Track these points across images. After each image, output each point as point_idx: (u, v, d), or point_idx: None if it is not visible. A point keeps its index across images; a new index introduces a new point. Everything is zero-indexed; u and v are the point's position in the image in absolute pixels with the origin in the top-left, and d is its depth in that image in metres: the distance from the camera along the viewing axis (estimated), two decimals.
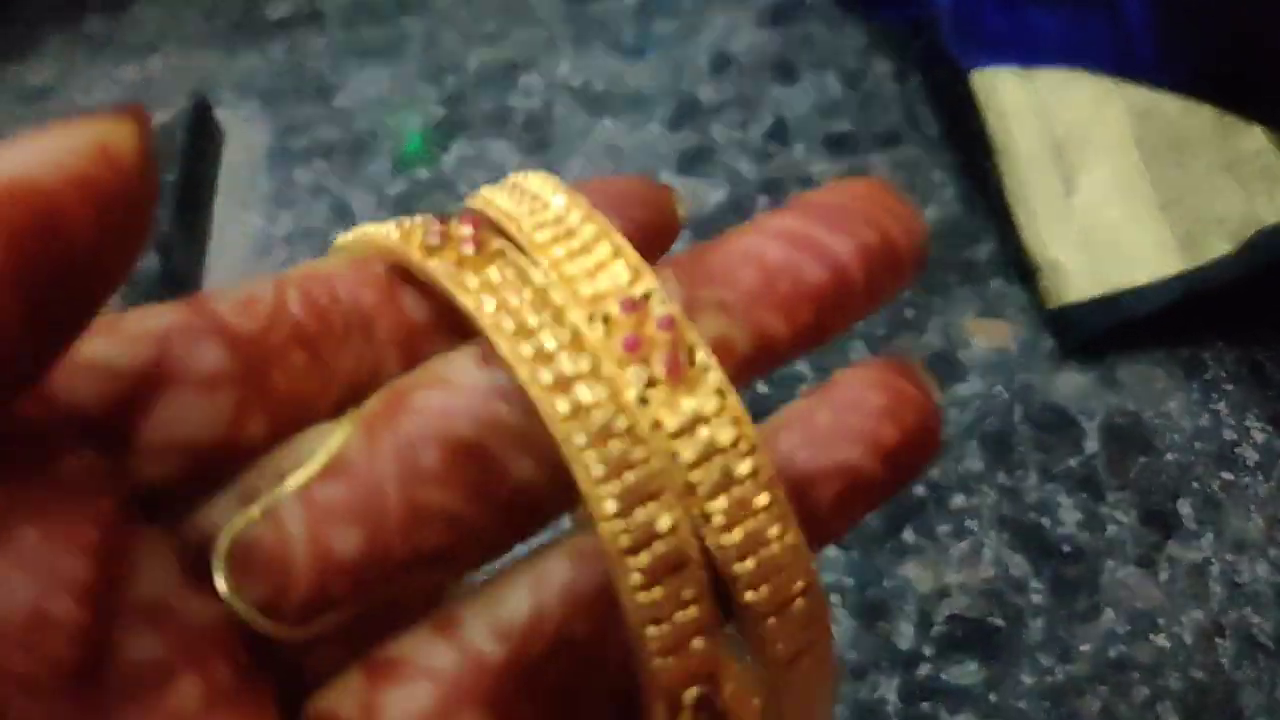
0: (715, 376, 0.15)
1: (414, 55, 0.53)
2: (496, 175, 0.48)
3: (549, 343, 0.15)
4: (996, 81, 0.43)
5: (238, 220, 0.47)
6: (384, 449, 0.15)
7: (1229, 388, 0.39)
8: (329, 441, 0.15)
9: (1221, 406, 0.39)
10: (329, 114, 0.51)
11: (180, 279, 0.44)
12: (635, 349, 0.15)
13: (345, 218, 0.46)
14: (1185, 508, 0.37)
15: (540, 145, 0.49)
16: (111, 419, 0.14)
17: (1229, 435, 0.38)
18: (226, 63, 0.53)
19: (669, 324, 0.15)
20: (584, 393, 0.15)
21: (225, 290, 0.15)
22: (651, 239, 0.18)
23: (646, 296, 0.15)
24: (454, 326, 0.16)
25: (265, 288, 0.16)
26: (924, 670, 0.34)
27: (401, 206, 0.47)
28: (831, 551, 0.37)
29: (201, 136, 0.49)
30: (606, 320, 0.15)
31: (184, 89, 0.51)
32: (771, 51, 0.51)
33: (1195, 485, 0.37)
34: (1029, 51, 0.43)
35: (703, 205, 0.46)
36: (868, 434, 0.16)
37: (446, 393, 0.15)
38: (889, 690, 0.34)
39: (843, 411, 0.16)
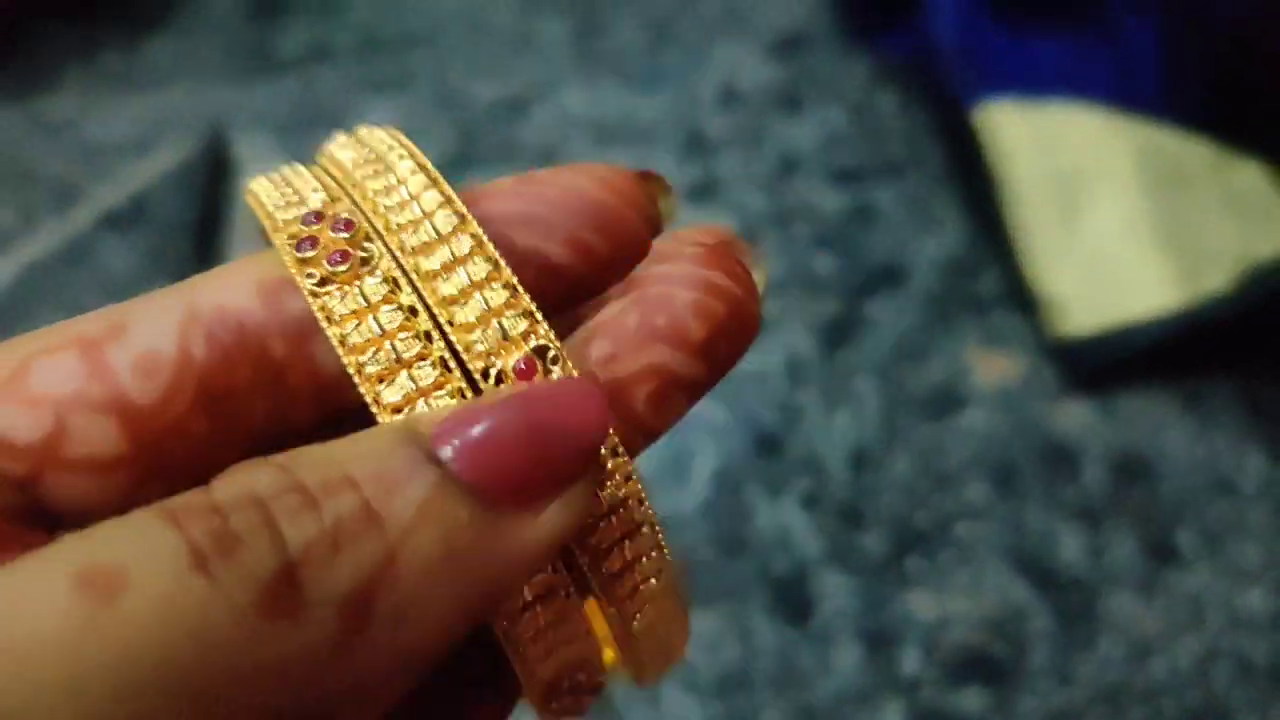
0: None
1: (425, 89, 0.54)
2: None
3: (411, 384, 0.15)
4: (1000, 117, 0.44)
5: (254, 251, 0.48)
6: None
7: (1227, 420, 0.40)
8: None
9: (1219, 438, 0.40)
10: None
11: None
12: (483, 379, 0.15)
13: None
14: (1184, 537, 0.38)
15: None
16: (16, 482, 0.15)
17: (1226, 466, 0.39)
18: (241, 97, 0.54)
19: (529, 367, 0.15)
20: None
21: (132, 331, 0.15)
22: (593, 257, 0.17)
23: (543, 351, 0.15)
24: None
25: (170, 334, 0.15)
26: (927, 696, 0.35)
27: None
28: (837, 578, 0.38)
29: (218, 169, 0.50)
30: (500, 379, 0.15)
31: (200, 123, 0.52)
32: (777, 85, 0.52)
33: (1193, 515, 0.38)
34: (1032, 81, 0.44)
35: None
36: (675, 332, 0.16)
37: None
38: (894, 715, 0.35)
39: (650, 312, 0.16)
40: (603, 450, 0.15)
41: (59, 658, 0.11)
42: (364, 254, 0.15)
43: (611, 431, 0.15)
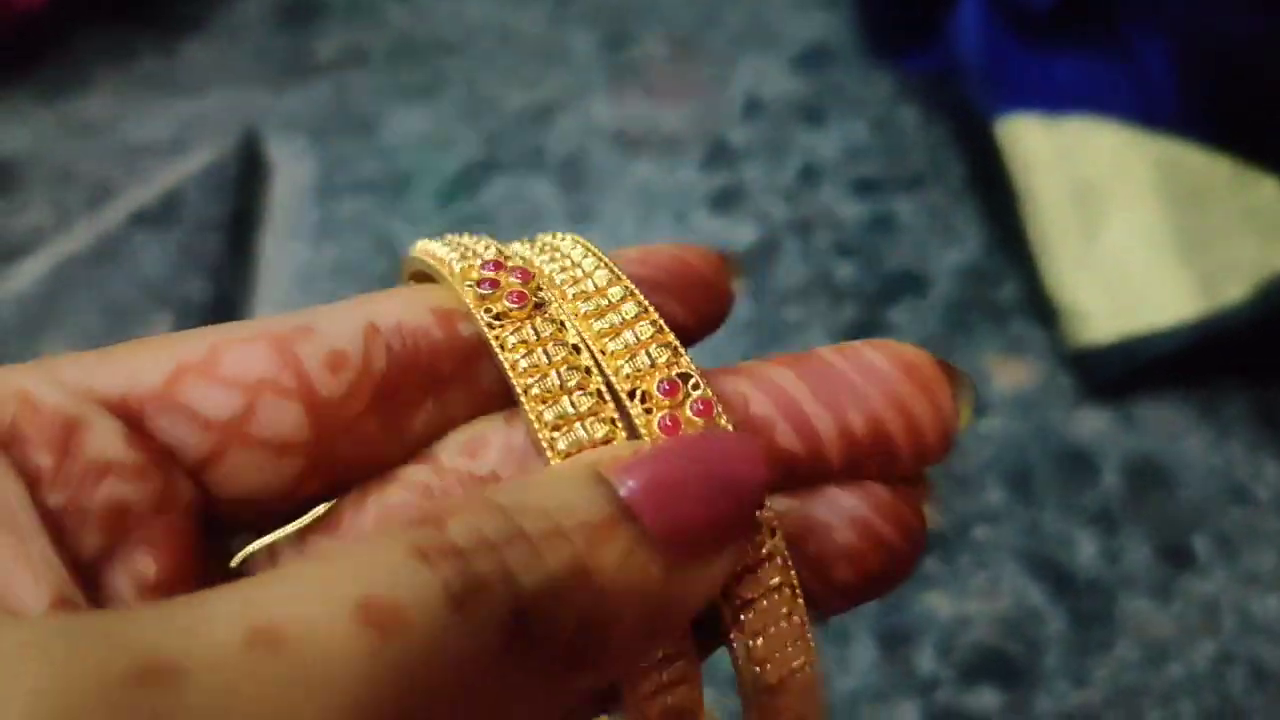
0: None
1: (455, 96, 0.55)
2: (533, 211, 0.50)
3: (570, 408, 0.16)
4: (1021, 129, 0.44)
5: (285, 250, 0.49)
6: (369, 511, 0.17)
7: (1243, 429, 0.41)
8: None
9: (1235, 446, 0.40)
10: (373, 150, 0.53)
11: (230, 304, 0.46)
12: (673, 430, 0.16)
13: (387, 249, 0.48)
14: (1199, 543, 0.38)
15: (575, 184, 0.50)
16: (196, 463, 0.16)
17: (1242, 474, 0.40)
18: (275, 101, 0.55)
19: (706, 409, 0.16)
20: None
21: (320, 332, 0.16)
22: (700, 317, 0.18)
23: (685, 377, 0.16)
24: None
25: (356, 338, 0.17)
26: (944, 696, 0.36)
27: None
28: None
29: (251, 170, 0.51)
30: (646, 398, 0.16)
31: (234, 125, 0.53)
32: (801, 97, 0.53)
33: (1209, 522, 0.39)
34: (1053, 99, 0.45)
35: (734, 245, 0.47)
36: (820, 566, 0.16)
37: (429, 466, 0.17)
38: (910, 715, 0.35)
39: (805, 535, 0.16)
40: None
41: (349, 687, 0.11)
42: (537, 299, 0.17)
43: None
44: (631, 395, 0.16)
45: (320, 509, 0.17)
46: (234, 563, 0.17)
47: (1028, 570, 0.38)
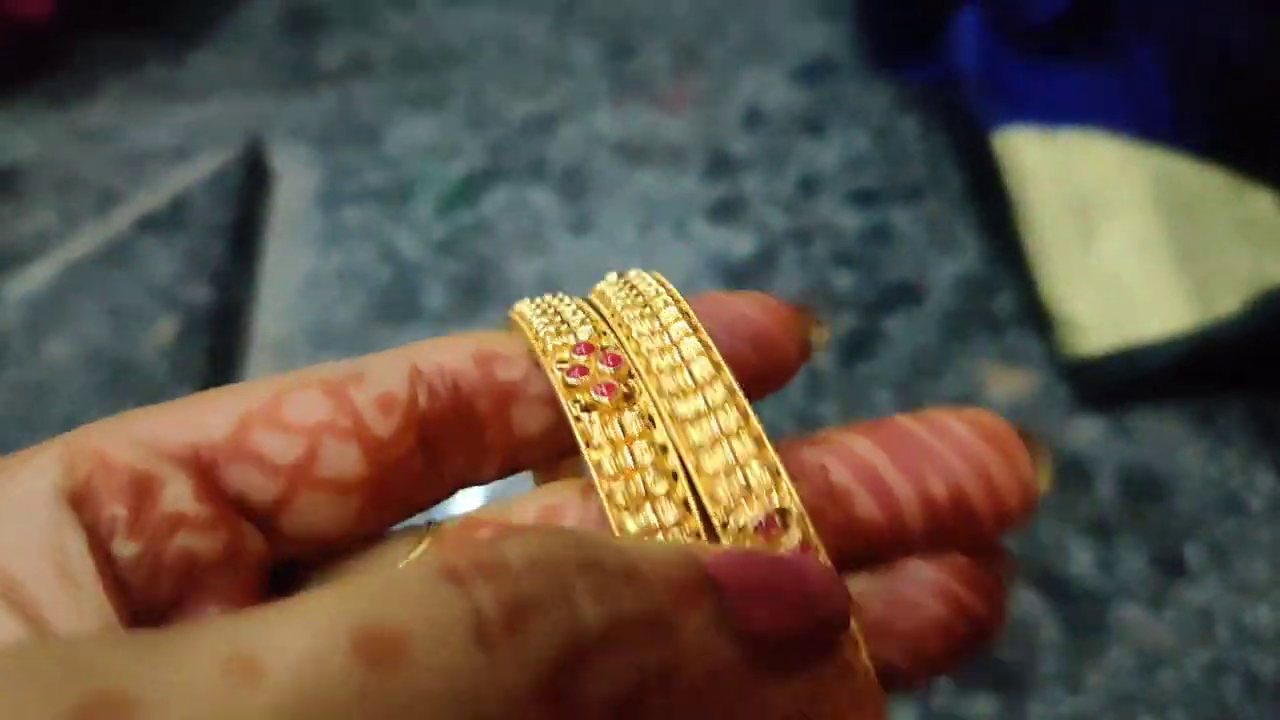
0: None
1: (458, 106, 0.55)
2: (535, 221, 0.50)
3: (654, 518, 0.15)
4: (1019, 141, 0.45)
5: (289, 257, 0.49)
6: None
7: (1237, 439, 0.41)
8: (417, 545, 0.17)
9: (1229, 457, 0.41)
10: (377, 159, 0.53)
11: (234, 310, 0.46)
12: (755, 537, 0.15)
13: (391, 257, 0.49)
14: (1193, 552, 0.38)
15: (577, 193, 0.51)
16: (265, 508, 0.17)
17: (1236, 484, 0.40)
18: (280, 108, 0.55)
19: (804, 548, 0.15)
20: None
21: (370, 377, 0.17)
22: (766, 373, 0.18)
23: (784, 513, 0.15)
24: (555, 445, 0.18)
25: (403, 381, 0.17)
26: (940, 701, 0.36)
27: (444, 248, 0.49)
28: (851, 585, 0.38)
29: (256, 178, 0.52)
30: (741, 530, 0.15)
31: (240, 133, 0.54)
32: (802, 109, 0.53)
33: (1203, 531, 0.39)
34: (1050, 111, 0.45)
35: (733, 253, 0.48)
36: (913, 642, 0.16)
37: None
38: (907, 719, 0.36)
39: (894, 614, 0.16)
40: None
41: (336, 718, 0.10)
42: (626, 390, 0.17)
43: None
44: (725, 526, 0.15)
45: (396, 565, 0.17)
46: None
47: (1024, 578, 0.38)
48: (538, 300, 0.19)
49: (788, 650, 0.13)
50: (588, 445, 0.16)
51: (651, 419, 0.16)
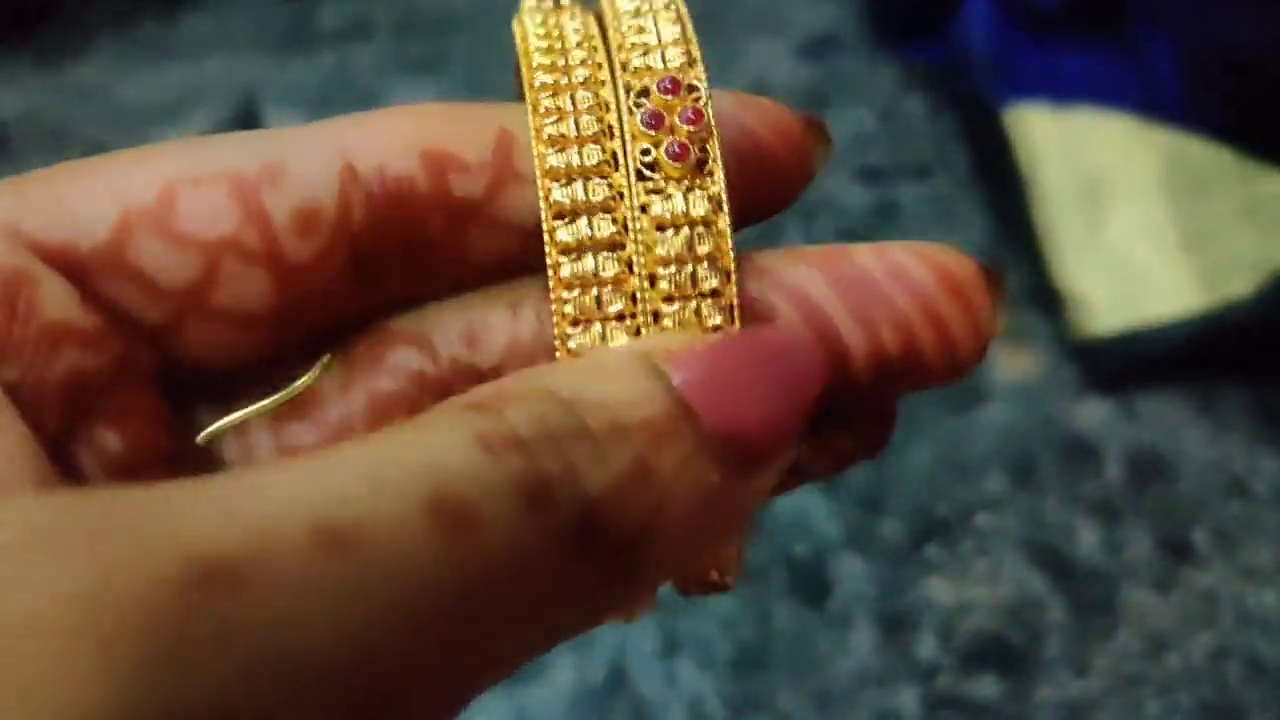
0: (717, 188, 0.15)
1: (459, 71, 0.54)
2: None
3: (573, 130, 0.15)
4: (1028, 120, 0.44)
5: None
6: (356, 401, 0.15)
7: (1242, 423, 0.41)
8: (308, 374, 0.15)
9: (1235, 441, 0.40)
10: None
11: None
12: (655, 127, 0.15)
13: None
14: (1199, 535, 0.38)
15: None
16: (149, 330, 0.14)
17: (1241, 468, 0.40)
18: (276, 71, 0.54)
19: (696, 118, 0.15)
20: (576, 156, 0.15)
21: (290, 175, 0.14)
22: (764, 198, 0.17)
23: (691, 88, 0.15)
24: (511, 270, 0.16)
25: (330, 186, 0.14)
26: (944, 681, 0.36)
27: None
28: (855, 563, 0.38)
29: None
30: (644, 94, 0.15)
31: (233, 94, 0.53)
32: (807, 85, 0.53)
33: (1208, 514, 0.39)
34: (1060, 89, 0.45)
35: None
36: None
37: (422, 353, 0.15)
38: (909, 700, 0.35)
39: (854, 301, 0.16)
40: None
41: (420, 591, 0.11)
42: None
43: None
44: (628, 91, 0.15)
45: (296, 386, 0.15)
46: (200, 439, 0.15)
47: (1029, 559, 0.38)
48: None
49: (759, 445, 0.14)
50: (526, 60, 0.15)
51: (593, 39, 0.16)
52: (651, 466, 0.13)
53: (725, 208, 0.15)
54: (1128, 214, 0.43)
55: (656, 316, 0.15)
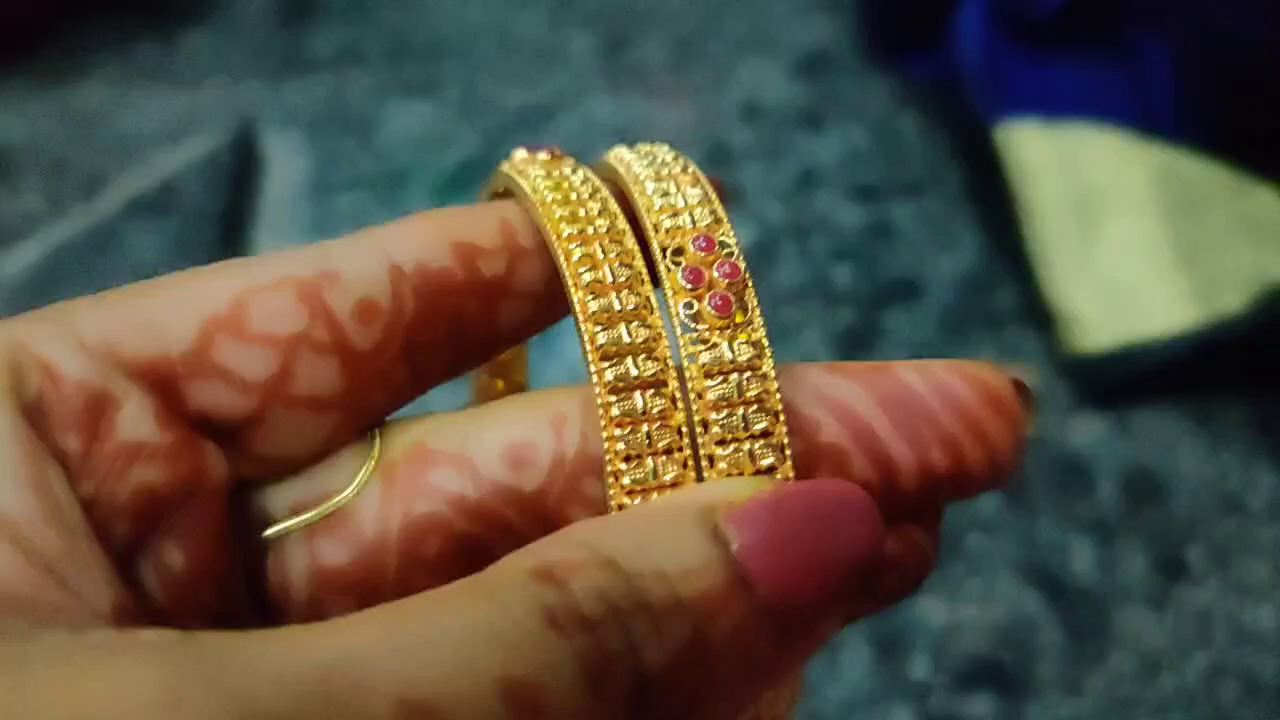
0: (759, 334, 0.15)
1: (453, 95, 0.55)
2: None
3: (608, 276, 0.16)
4: (1021, 137, 0.44)
5: (279, 245, 0.48)
6: (392, 521, 0.16)
7: (1238, 439, 0.41)
8: (349, 487, 0.16)
9: (1230, 457, 0.40)
10: (369, 147, 0.52)
11: None
12: (695, 283, 0.15)
13: None
14: (1193, 553, 0.38)
15: None
16: (233, 426, 0.15)
17: (1236, 484, 0.40)
18: (273, 95, 0.55)
19: (733, 273, 0.16)
20: (616, 300, 0.16)
21: (346, 277, 0.15)
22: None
23: (723, 244, 0.16)
24: (528, 335, 0.17)
25: (383, 284, 0.16)
26: (937, 702, 0.35)
27: None
28: None
29: (246, 164, 0.51)
30: (680, 253, 0.16)
31: (230, 118, 0.53)
32: (801, 103, 0.53)
33: (1203, 532, 0.39)
34: (1053, 105, 0.45)
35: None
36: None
37: (463, 475, 0.16)
38: (903, 719, 0.35)
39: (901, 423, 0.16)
40: None
41: None
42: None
43: None
44: (664, 251, 0.16)
45: (340, 499, 0.16)
46: (269, 532, 0.16)
47: (1022, 579, 0.38)
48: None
49: (814, 612, 0.14)
50: (548, 216, 0.16)
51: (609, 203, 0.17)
52: (707, 638, 0.13)
53: (768, 352, 0.16)
54: (1121, 230, 0.42)
55: (712, 461, 0.15)
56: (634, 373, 0.15)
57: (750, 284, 0.16)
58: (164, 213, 0.48)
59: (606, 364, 0.15)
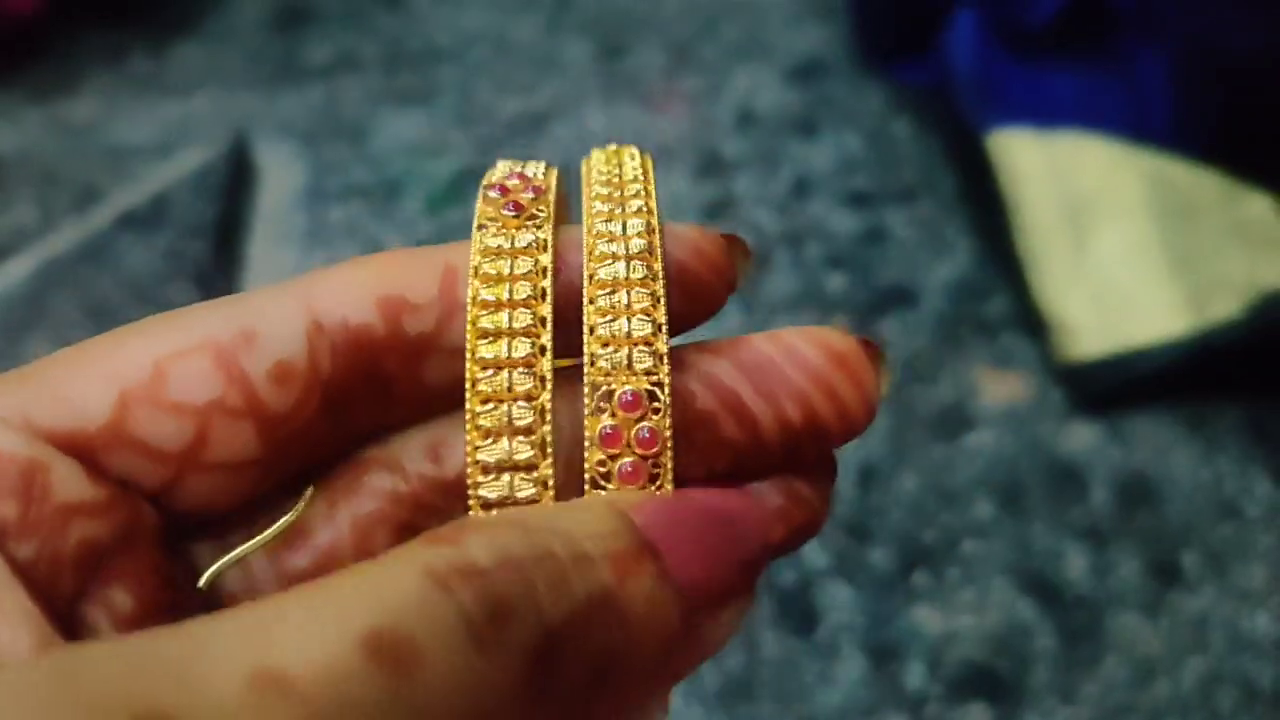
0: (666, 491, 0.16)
1: (448, 103, 0.54)
2: None
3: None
4: (1013, 144, 0.44)
5: (272, 256, 0.48)
6: (343, 524, 0.17)
7: (1233, 445, 0.40)
8: (294, 509, 0.17)
9: (1225, 463, 0.40)
10: (364, 156, 0.52)
11: None
12: (611, 444, 0.16)
13: None
14: (1188, 559, 0.38)
15: (567, 193, 0.50)
16: (151, 491, 0.16)
17: (1231, 489, 0.39)
18: (267, 104, 0.55)
19: (650, 440, 0.16)
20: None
21: (262, 337, 0.16)
22: (693, 313, 0.18)
23: (650, 396, 0.16)
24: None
25: (299, 343, 0.16)
26: (932, 710, 0.35)
27: None
28: (843, 591, 0.38)
29: (240, 175, 0.51)
30: (606, 398, 0.16)
31: (224, 128, 0.53)
32: (794, 110, 0.53)
33: (1199, 538, 0.38)
34: (1045, 113, 0.45)
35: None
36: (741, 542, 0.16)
37: (393, 474, 0.17)
38: None
39: (728, 522, 0.16)
40: None
41: None
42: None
43: None
44: (592, 392, 0.16)
45: (285, 520, 0.17)
46: (203, 582, 0.17)
47: (1017, 586, 0.38)
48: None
49: (717, 590, 0.14)
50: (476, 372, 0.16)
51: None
52: (617, 597, 0.13)
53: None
54: (1113, 237, 0.42)
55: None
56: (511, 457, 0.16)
57: (669, 449, 0.16)
58: (156, 226, 0.48)
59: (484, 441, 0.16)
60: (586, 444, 0.16)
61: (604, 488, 0.16)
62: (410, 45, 0.58)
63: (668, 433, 0.16)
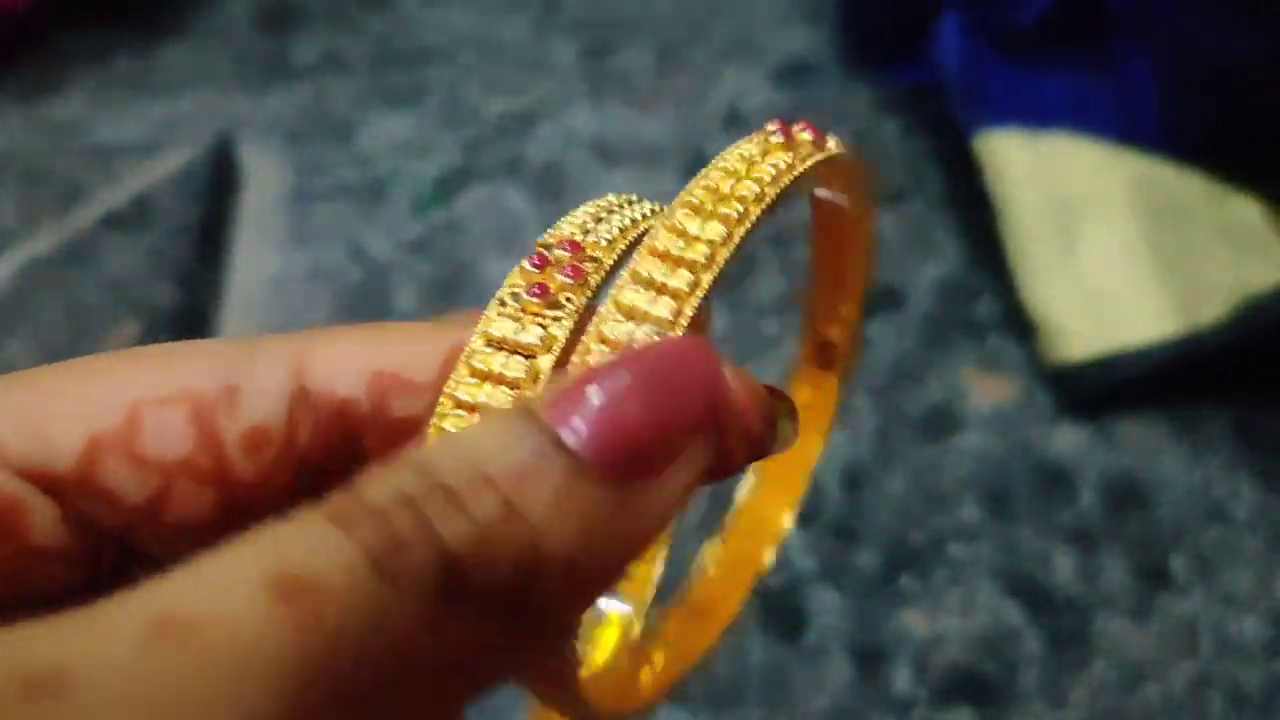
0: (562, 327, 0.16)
1: (434, 103, 0.54)
2: (509, 222, 0.49)
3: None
4: (1001, 145, 0.44)
5: (257, 256, 0.48)
6: None
7: (1220, 448, 0.40)
8: None
9: (1213, 466, 0.40)
10: (349, 157, 0.52)
11: (199, 313, 0.45)
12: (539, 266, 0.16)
13: (362, 258, 0.48)
14: (1177, 562, 0.38)
15: (553, 194, 0.50)
16: (109, 531, 0.16)
17: (1220, 493, 0.39)
18: (252, 104, 0.54)
19: (576, 275, 0.16)
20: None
21: (245, 395, 0.15)
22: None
23: (595, 259, 0.16)
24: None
25: (281, 408, 0.15)
26: (918, 715, 0.35)
27: (417, 249, 0.48)
28: (830, 595, 0.37)
29: (224, 175, 0.51)
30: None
31: (209, 129, 0.53)
32: (782, 110, 0.53)
33: (1187, 541, 0.38)
34: (1033, 115, 0.44)
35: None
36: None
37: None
38: None
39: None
40: None
41: (271, 672, 0.11)
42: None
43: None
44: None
45: None
46: None
47: (1004, 589, 0.37)
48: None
49: (653, 448, 0.13)
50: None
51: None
52: (518, 507, 0.12)
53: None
54: (1101, 240, 0.42)
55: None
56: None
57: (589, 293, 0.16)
58: (139, 226, 0.48)
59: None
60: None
61: (507, 308, 0.15)
62: (397, 45, 0.57)
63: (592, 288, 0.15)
